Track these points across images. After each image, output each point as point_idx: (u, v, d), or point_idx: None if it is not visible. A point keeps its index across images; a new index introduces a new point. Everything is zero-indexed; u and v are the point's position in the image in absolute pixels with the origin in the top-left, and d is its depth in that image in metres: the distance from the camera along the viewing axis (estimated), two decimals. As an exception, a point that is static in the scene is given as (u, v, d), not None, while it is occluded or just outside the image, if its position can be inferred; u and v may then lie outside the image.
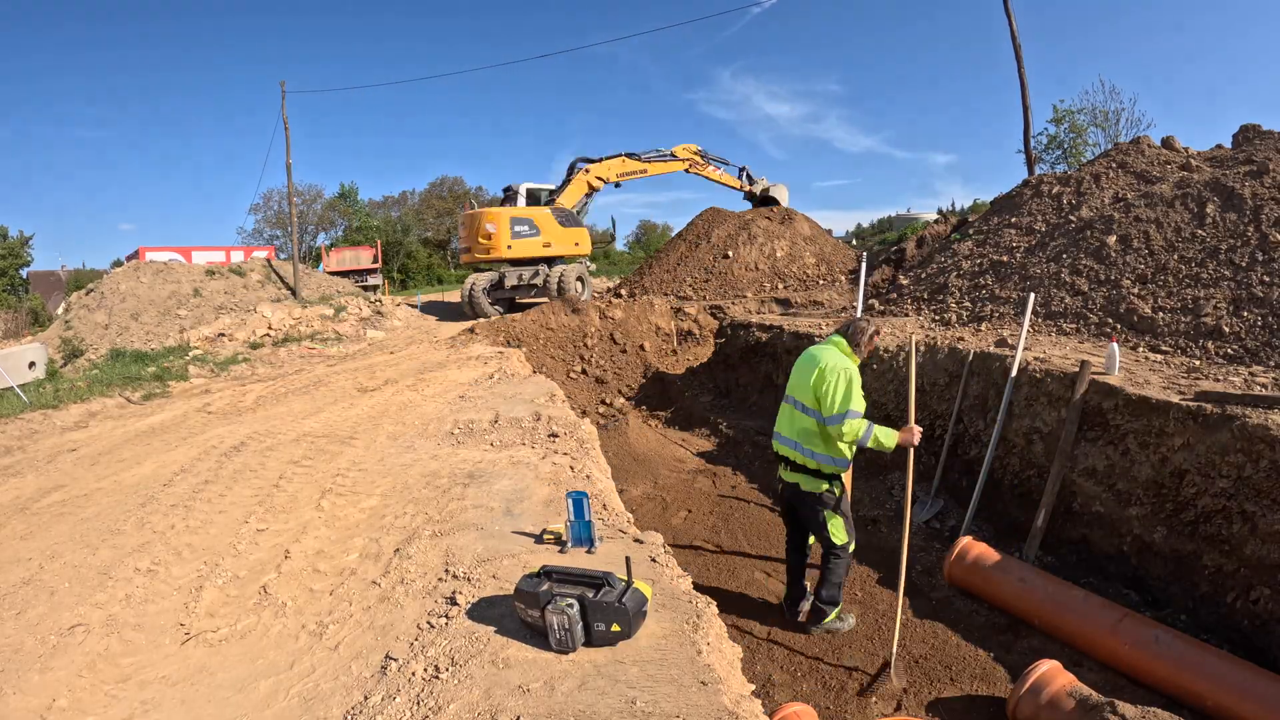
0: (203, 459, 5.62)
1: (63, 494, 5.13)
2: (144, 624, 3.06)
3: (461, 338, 12.91)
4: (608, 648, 2.45)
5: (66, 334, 13.61)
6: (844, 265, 15.26)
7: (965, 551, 4.70)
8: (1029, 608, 4.23)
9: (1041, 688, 3.29)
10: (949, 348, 6.61)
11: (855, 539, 4.22)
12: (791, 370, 4.18)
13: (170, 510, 4.42)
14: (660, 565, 3.19)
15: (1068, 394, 5.00)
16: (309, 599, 3.16)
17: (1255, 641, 3.76)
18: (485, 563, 3.22)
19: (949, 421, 6.22)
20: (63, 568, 3.71)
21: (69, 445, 6.89)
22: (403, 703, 2.27)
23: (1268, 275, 5.64)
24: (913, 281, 10.03)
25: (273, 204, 44.28)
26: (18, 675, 2.70)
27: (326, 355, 12.49)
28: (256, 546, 3.78)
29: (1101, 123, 19.24)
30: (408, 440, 5.64)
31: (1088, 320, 6.56)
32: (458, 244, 24.18)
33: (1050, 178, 9.82)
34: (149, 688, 2.58)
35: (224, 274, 16.72)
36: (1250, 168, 6.94)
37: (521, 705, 2.15)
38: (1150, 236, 6.95)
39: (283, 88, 19.28)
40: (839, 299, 13.01)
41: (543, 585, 2.51)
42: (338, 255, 29.49)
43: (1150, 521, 4.43)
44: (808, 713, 3.18)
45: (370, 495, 4.41)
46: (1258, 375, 4.70)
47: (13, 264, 31.46)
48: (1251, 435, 3.89)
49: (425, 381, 8.30)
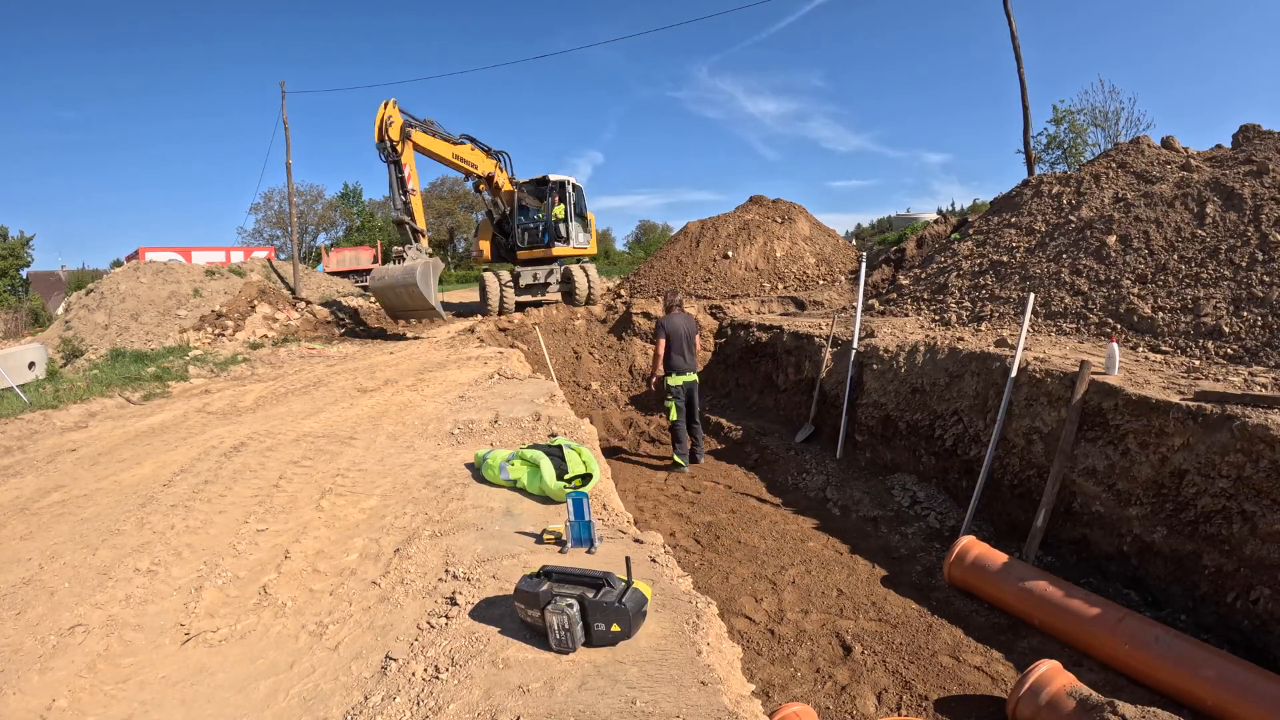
0: (202, 459, 5.62)
1: (62, 494, 5.13)
2: (144, 624, 3.06)
3: (461, 338, 12.91)
4: (608, 648, 2.45)
5: (66, 334, 13.61)
6: (844, 265, 15.25)
7: (965, 551, 4.70)
8: (1029, 608, 4.23)
9: (1041, 688, 3.29)
10: (949, 348, 6.61)
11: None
12: (679, 326, 7.82)
13: (170, 510, 4.42)
14: (660, 565, 3.18)
15: (1068, 394, 5.00)
16: (309, 599, 3.16)
17: (1255, 641, 3.76)
18: (485, 563, 3.22)
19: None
20: (62, 568, 3.70)
21: (69, 445, 6.89)
22: (403, 703, 2.27)
23: (1268, 275, 5.64)
24: (913, 281, 10.03)
25: (273, 204, 44.36)
26: (17, 675, 2.70)
27: (326, 355, 12.49)
28: (256, 547, 3.77)
29: (1101, 123, 19.26)
30: (408, 440, 5.64)
31: (1088, 320, 6.56)
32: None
33: (1050, 178, 9.82)
34: (149, 688, 2.58)
35: (224, 274, 16.71)
36: (1250, 168, 6.94)
37: (521, 705, 2.15)
38: (1150, 236, 6.95)
39: (283, 88, 19.31)
40: (839, 299, 13.00)
41: (543, 585, 2.51)
42: (338, 255, 29.54)
43: (1150, 521, 4.43)
44: (807, 713, 3.18)
45: (370, 495, 4.41)
46: (1258, 375, 4.70)
47: (13, 264, 31.48)
48: (1251, 435, 3.88)
49: (425, 381, 8.30)
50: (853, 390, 7.55)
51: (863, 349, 7.67)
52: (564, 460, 4.13)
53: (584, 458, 4.23)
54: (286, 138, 20.17)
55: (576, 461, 4.16)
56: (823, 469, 7.24)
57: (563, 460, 4.13)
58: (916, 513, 6.03)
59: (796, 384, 9.07)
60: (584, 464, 4.18)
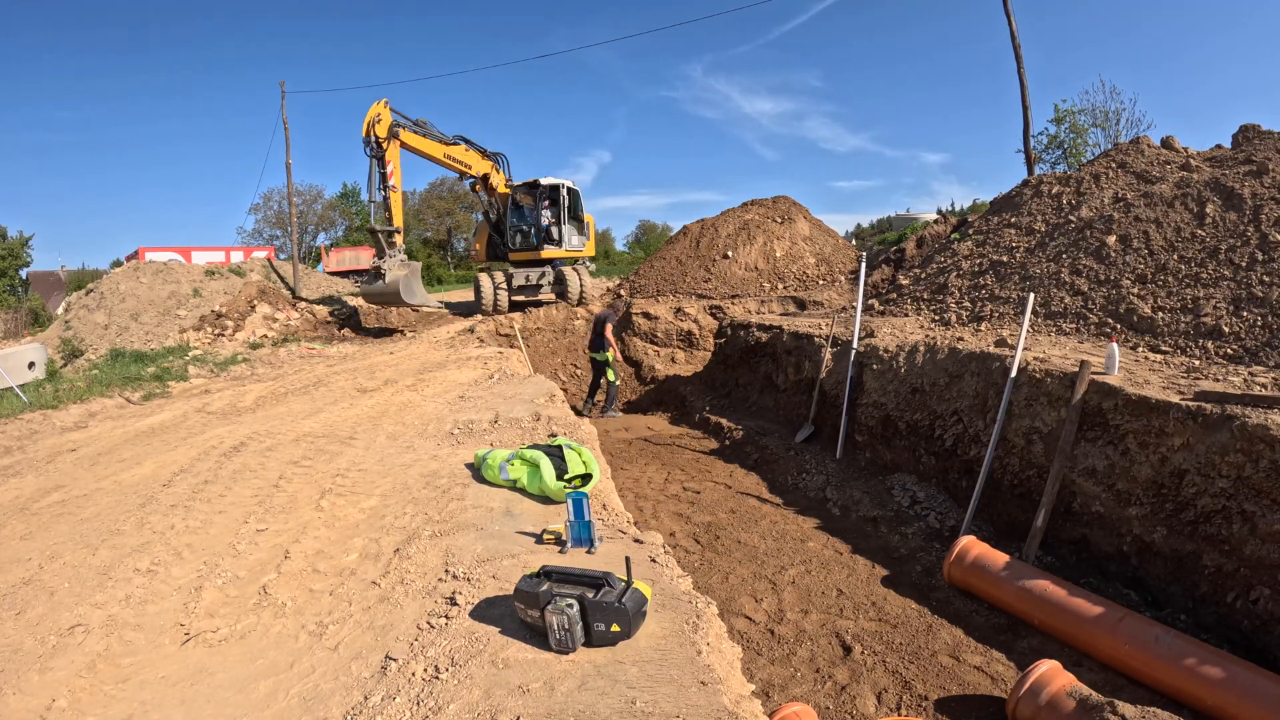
0: (202, 459, 5.62)
1: (62, 494, 5.13)
2: (144, 624, 3.06)
3: (461, 338, 12.91)
4: (608, 648, 2.45)
5: (66, 334, 13.61)
6: (844, 265, 15.25)
7: (965, 551, 4.70)
8: (1029, 608, 4.23)
9: (1041, 688, 3.29)
10: (949, 348, 6.61)
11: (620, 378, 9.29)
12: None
13: (170, 510, 4.42)
14: (660, 565, 3.18)
15: (1067, 394, 5.00)
16: (309, 599, 3.16)
17: (1255, 641, 3.76)
18: (485, 563, 3.22)
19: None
20: (62, 568, 3.70)
21: (69, 445, 6.89)
22: (403, 703, 2.27)
23: (1268, 275, 5.64)
24: (913, 281, 10.03)
25: (272, 204, 44.35)
26: (17, 675, 2.70)
27: (326, 355, 12.49)
28: (256, 547, 3.77)
29: (1102, 123, 19.26)
30: (408, 440, 5.64)
31: (1088, 320, 6.56)
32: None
33: (1050, 178, 9.81)
34: (149, 688, 2.58)
35: (224, 274, 16.71)
36: (1250, 168, 6.94)
37: (521, 705, 2.15)
38: (1150, 236, 6.95)
39: (282, 88, 19.33)
40: (839, 299, 13.00)
41: (542, 585, 2.51)
42: (338, 255, 29.55)
43: (1150, 521, 4.43)
44: (807, 713, 3.18)
45: (370, 495, 4.41)
46: (1258, 375, 4.70)
47: (13, 264, 31.47)
48: (1251, 435, 3.88)
49: (425, 381, 8.30)
50: (853, 390, 7.55)
51: (863, 349, 7.67)
52: (564, 460, 4.13)
53: (584, 458, 4.23)
54: (286, 138, 20.20)
55: (576, 461, 4.16)
56: (823, 469, 7.24)
57: (563, 460, 4.13)
58: (916, 513, 6.03)
59: (796, 384, 9.08)
60: (584, 464, 4.19)
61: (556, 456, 4.15)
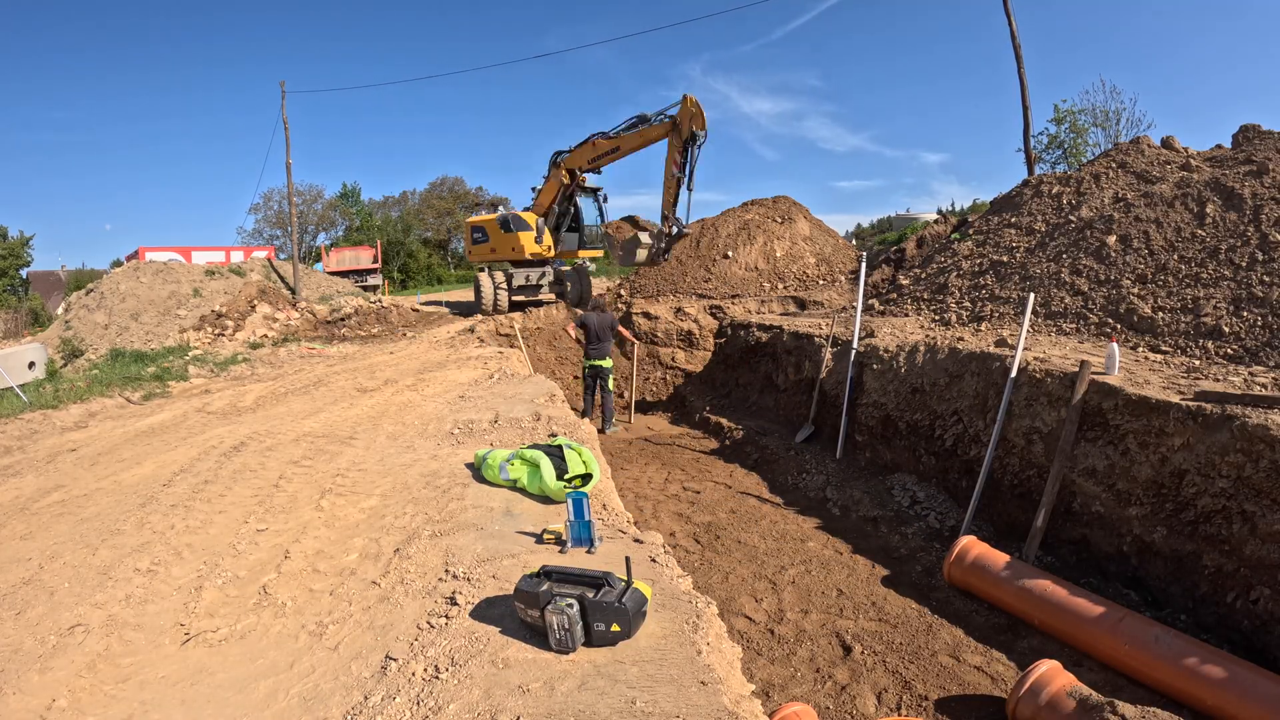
0: (202, 459, 5.62)
1: (62, 494, 5.13)
2: (144, 624, 3.06)
3: (461, 337, 12.91)
4: (608, 648, 2.45)
5: (66, 334, 13.61)
6: (844, 265, 15.25)
7: (965, 552, 4.70)
8: (1029, 608, 4.23)
9: (1041, 688, 3.29)
10: (949, 348, 6.61)
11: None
12: (594, 322, 9.43)
13: (170, 510, 4.42)
14: (660, 565, 3.18)
15: (1067, 394, 5.00)
16: (309, 599, 3.16)
17: (1255, 641, 3.76)
18: (485, 563, 3.22)
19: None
20: (62, 568, 3.70)
21: (69, 445, 6.89)
22: (403, 703, 2.27)
23: (1268, 275, 5.64)
24: (913, 281, 10.03)
25: (272, 204, 44.29)
26: (17, 675, 2.70)
27: (326, 355, 12.49)
28: (256, 547, 3.77)
29: (1102, 122, 19.26)
30: (408, 440, 5.64)
31: (1088, 320, 6.56)
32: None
33: (1050, 178, 9.82)
34: (149, 688, 2.58)
35: (224, 274, 16.71)
36: (1250, 168, 6.94)
37: (521, 705, 2.15)
38: (1150, 236, 6.95)
39: (282, 87, 19.31)
40: (839, 299, 13.00)
41: (542, 585, 2.51)
42: (338, 255, 29.52)
43: (1150, 521, 4.43)
44: (807, 713, 3.18)
45: (370, 495, 4.41)
46: (1258, 375, 4.70)
47: (13, 264, 31.50)
48: (1251, 435, 3.88)
49: (425, 381, 8.30)
50: (853, 390, 7.55)
51: (863, 349, 7.67)
52: (564, 460, 4.13)
53: (584, 458, 4.23)
54: (286, 138, 20.17)
55: (576, 461, 4.16)
56: (823, 469, 7.24)
57: (563, 460, 4.13)
58: (916, 513, 6.03)
59: (796, 384, 9.08)
60: (584, 464, 4.18)
61: (556, 456, 4.15)
